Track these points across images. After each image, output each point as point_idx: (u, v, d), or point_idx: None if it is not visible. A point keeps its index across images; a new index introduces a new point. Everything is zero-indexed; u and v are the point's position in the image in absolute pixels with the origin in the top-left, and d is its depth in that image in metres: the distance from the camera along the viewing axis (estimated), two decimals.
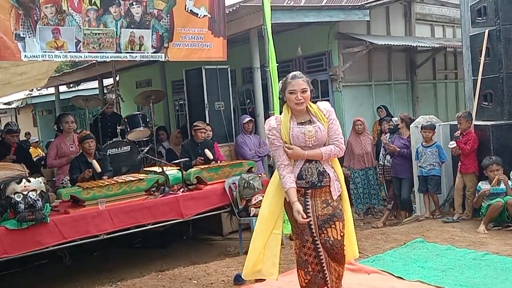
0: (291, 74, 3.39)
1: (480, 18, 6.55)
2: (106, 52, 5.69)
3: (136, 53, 5.92)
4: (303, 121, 3.33)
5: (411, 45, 9.67)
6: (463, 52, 7.29)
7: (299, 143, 3.26)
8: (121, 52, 5.79)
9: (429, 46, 9.75)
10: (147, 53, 5.99)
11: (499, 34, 6.25)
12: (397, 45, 9.45)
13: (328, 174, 3.30)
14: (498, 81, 6.26)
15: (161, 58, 6.11)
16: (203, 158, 6.37)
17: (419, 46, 9.74)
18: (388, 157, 7.48)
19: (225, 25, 6.49)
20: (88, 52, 5.56)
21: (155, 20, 5.95)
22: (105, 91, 14.54)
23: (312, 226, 3.28)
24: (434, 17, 11.18)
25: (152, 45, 5.97)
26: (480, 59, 6.44)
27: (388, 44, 9.26)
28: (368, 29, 9.69)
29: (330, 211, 3.28)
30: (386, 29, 10.15)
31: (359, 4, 8.69)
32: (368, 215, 8.08)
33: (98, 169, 5.56)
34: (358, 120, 7.92)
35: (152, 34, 5.95)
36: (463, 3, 7.29)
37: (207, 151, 6.40)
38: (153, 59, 6.19)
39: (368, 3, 8.74)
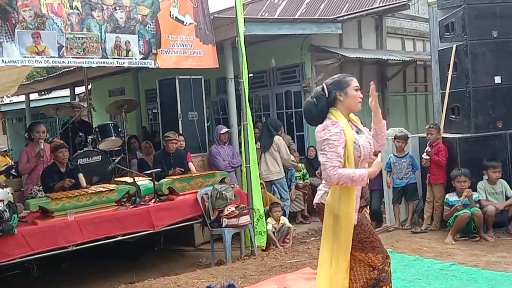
0: (343, 74, 3.04)
1: (448, 33, 6.72)
2: (91, 58, 5.49)
3: (123, 59, 5.74)
4: (354, 129, 2.97)
5: (382, 58, 9.84)
6: (432, 66, 7.46)
7: (366, 154, 2.90)
8: (107, 58, 5.60)
9: (399, 60, 9.93)
10: (135, 59, 5.81)
11: (466, 49, 6.42)
12: (368, 58, 9.61)
13: None
14: (465, 95, 6.43)
15: (151, 64, 5.93)
16: (183, 169, 6.36)
17: (390, 59, 9.91)
18: None
19: (213, 32, 6.43)
20: (72, 58, 5.36)
21: (140, 25, 5.82)
22: (77, 99, 14.35)
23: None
24: (404, 31, 11.41)
25: (140, 51, 5.82)
26: (448, 73, 6.61)
27: (360, 57, 9.39)
28: (341, 42, 9.83)
29: None
30: (358, 42, 10.31)
31: (331, 17, 8.83)
32: None
33: (84, 184, 5.55)
34: None
35: (139, 40, 5.80)
36: (432, 18, 7.49)
37: (191, 165, 6.51)
38: (142, 65, 6.02)
39: (341, 16, 8.90)
